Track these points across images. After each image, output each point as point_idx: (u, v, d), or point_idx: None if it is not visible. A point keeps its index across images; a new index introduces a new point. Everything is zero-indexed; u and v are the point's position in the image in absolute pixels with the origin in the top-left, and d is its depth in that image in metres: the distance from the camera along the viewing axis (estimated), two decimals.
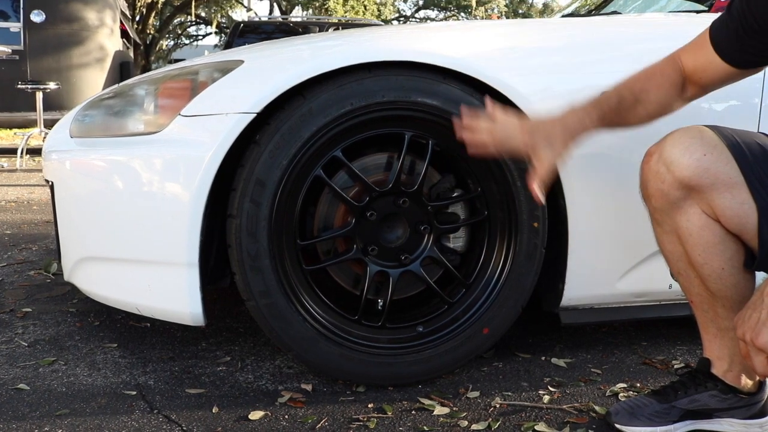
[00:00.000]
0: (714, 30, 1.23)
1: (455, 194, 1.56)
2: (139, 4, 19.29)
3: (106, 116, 1.62)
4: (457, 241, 1.61)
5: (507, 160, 1.48)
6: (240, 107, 1.39)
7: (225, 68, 1.47)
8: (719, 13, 1.97)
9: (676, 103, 1.28)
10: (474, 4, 25.25)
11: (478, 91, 1.47)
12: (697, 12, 2.05)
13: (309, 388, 1.52)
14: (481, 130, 1.29)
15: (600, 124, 1.26)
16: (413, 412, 1.41)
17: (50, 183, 1.72)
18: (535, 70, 1.54)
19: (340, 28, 9.14)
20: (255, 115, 1.39)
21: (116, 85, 1.74)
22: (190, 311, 1.44)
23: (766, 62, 1.23)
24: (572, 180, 1.52)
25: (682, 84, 1.26)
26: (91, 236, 1.57)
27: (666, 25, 1.84)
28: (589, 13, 2.53)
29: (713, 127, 1.18)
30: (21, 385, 1.50)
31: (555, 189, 1.54)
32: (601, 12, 2.48)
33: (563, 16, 2.69)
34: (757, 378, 1.30)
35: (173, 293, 1.45)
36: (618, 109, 1.25)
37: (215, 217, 1.46)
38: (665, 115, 1.28)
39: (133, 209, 1.48)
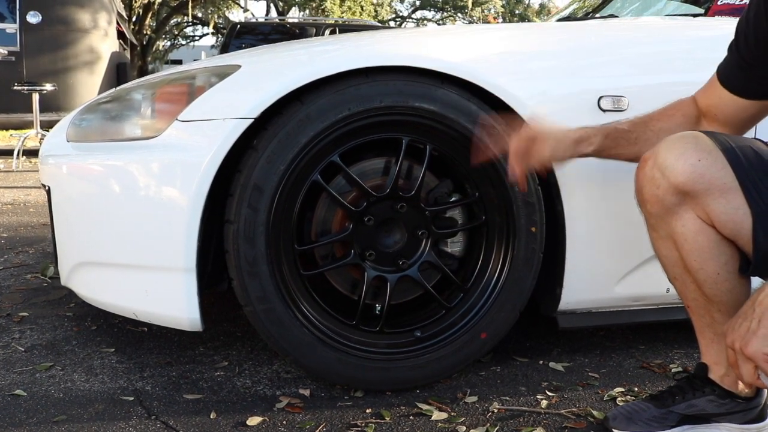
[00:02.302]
0: (720, 66, 1.30)
1: (453, 199, 1.56)
2: (135, 5, 19.28)
3: (103, 120, 1.61)
4: (454, 245, 1.61)
5: (505, 165, 1.48)
6: (237, 112, 1.39)
7: (222, 73, 1.47)
8: (716, 17, 1.99)
9: None
10: (470, 4, 25.26)
11: (476, 95, 1.48)
12: (694, 16, 2.05)
13: (307, 393, 1.51)
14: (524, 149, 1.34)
15: (607, 151, 1.34)
16: (411, 417, 1.41)
17: (47, 187, 1.72)
18: (533, 75, 1.54)
19: (337, 29, 9.14)
20: (252, 120, 1.39)
21: (113, 89, 1.74)
22: (187, 317, 1.44)
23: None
24: (570, 184, 1.52)
25: (697, 118, 1.32)
26: (88, 241, 1.57)
27: (663, 28, 1.84)
28: (585, 16, 2.53)
29: (708, 133, 1.19)
30: (18, 391, 1.49)
31: (553, 194, 1.54)
32: (598, 15, 2.48)
33: (559, 20, 2.70)
34: None
35: (171, 298, 1.45)
36: (627, 136, 1.32)
37: (213, 221, 1.46)
38: None
39: (130, 214, 1.47)
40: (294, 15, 23.30)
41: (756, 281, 1.19)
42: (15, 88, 6.22)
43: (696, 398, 1.29)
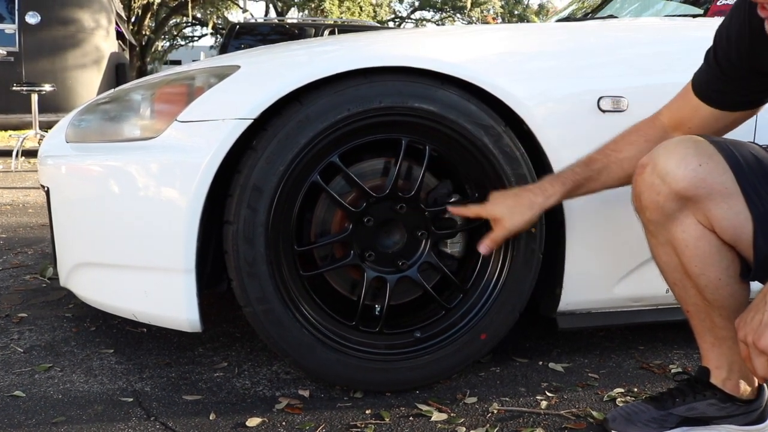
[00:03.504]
0: (694, 78, 1.28)
1: (452, 200, 1.56)
2: (134, 6, 19.28)
3: (102, 121, 1.61)
4: (454, 246, 1.60)
5: (504, 165, 1.48)
6: (236, 113, 1.39)
7: (221, 73, 1.47)
8: (715, 17, 1.99)
9: None
10: (469, 5, 25.27)
11: (476, 96, 1.47)
12: (693, 16, 2.05)
13: (306, 394, 1.51)
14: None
15: (573, 193, 1.37)
16: (411, 418, 1.41)
17: (46, 188, 1.72)
18: (532, 75, 1.54)
19: (336, 29, 9.14)
20: (252, 121, 1.38)
21: (112, 90, 1.73)
22: (187, 318, 1.44)
23: (747, 103, 1.25)
24: None
25: (662, 137, 1.29)
26: (87, 242, 1.57)
27: (662, 29, 1.84)
28: (585, 17, 2.53)
29: (706, 137, 1.18)
30: (17, 392, 1.49)
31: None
32: (597, 16, 2.48)
33: (559, 20, 2.70)
34: (756, 384, 1.30)
35: (170, 299, 1.45)
36: (589, 176, 1.34)
37: (212, 222, 1.45)
38: None
39: (129, 215, 1.47)
40: (293, 15, 23.30)
41: (755, 286, 1.19)
42: (14, 88, 6.22)
43: (696, 401, 1.29)
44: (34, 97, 6.12)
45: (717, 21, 1.88)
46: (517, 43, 1.66)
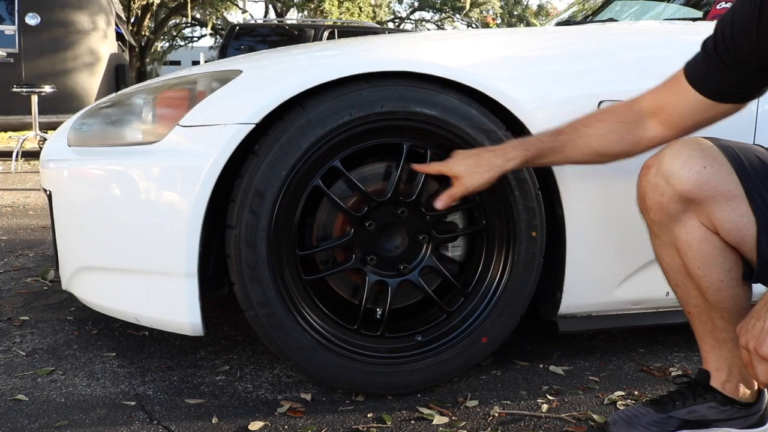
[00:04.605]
0: (689, 65, 1.25)
1: (453, 203, 1.56)
2: (134, 6, 19.27)
3: (103, 125, 1.61)
4: (455, 250, 1.61)
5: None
6: (239, 118, 1.39)
7: (223, 78, 1.47)
8: (715, 21, 2.00)
9: (627, 139, 1.29)
10: (468, 5, 25.27)
11: (477, 100, 1.48)
12: (694, 20, 2.06)
13: (308, 397, 1.52)
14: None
15: (535, 161, 1.35)
16: (412, 421, 1.42)
17: (48, 192, 1.72)
18: (533, 79, 1.54)
19: (336, 30, 9.14)
20: (254, 125, 1.39)
21: (114, 94, 1.74)
22: (189, 321, 1.44)
23: (739, 95, 1.23)
24: (570, 188, 1.52)
25: (637, 121, 1.28)
26: (89, 246, 1.57)
27: (662, 32, 1.85)
28: (585, 20, 2.53)
29: (712, 139, 1.19)
30: (19, 396, 1.49)
31: (553, 198, 1.55)
32: (597, 19, 2.48)
33: (558, 23, 2.70)
34: (756, 388, 1.31)
35: (172, 303, 1.45)
36: (554, 146, 1.32)
37: (214, 226, 1.46)
38: (617, 151, 1.31)
39: (131, 219, 1.47)
40: (292, 16, 23.31)
41: (758, 288, 1.20)
42: (14, 90, 6.23)
43: (697, 404, 1.29)
44: (34, 99, 6.12)
45: None
46: (517, 47, 1.67)
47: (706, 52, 1.22)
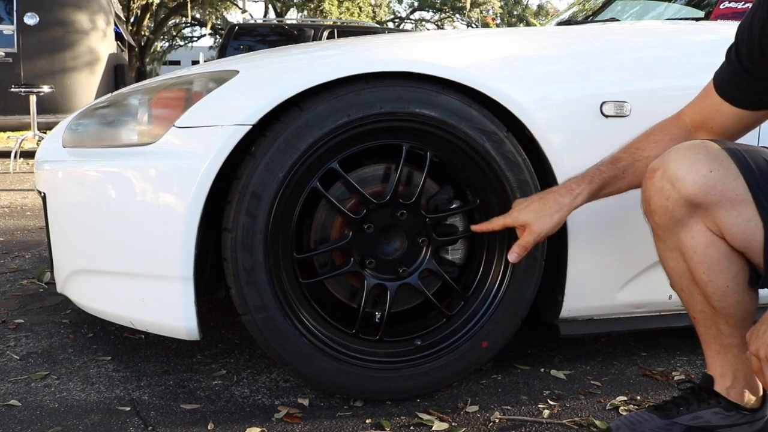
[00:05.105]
0: (716, 76, 1.25)
1: (454, 206, 1.54)
2: (133, 6, 19.26)
3: (99, 126, 1.59)
4: (455, 253, 1.59)
5: (506, 171, 1.46)
6: (235, 119, 1.37)
7: (220, 78, 1.45)
8: (717, 21, 1.98)
9: None
10: (468, 5, 25.26)
11: (477, 101, 1.46)
12: (696, 20, 2.04)
13: (306, 402, 1.50)
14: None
15: (600, 193, 1.32)
16: (411, 427, 1.40)
17: (42, 194, 1.70)
18: (534, 80, 1.52)
19: (335, 30, 9.12)
20: (250, 126, 1.37)
21: (110, 94, 1.72)
22: (184, 326, 1.42)
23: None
24: None
25: (687, 136, 1.27)
26: (84, 249, 1.55)
27: (664, 33, 1.83)
28: (586, 20, 2.51)
29: (718, 141, 1.16)
30: (12, 401, 1.47)
31: None
32: (598, 19, 2.46)
33: (559, 23, 2.68)
34: (761, 393, 1.29)
35: (167, 307, 1.43)
36: (615, 174, 1.30)
37: (210, 229, 1.44)
38: None
39: (126, 222, 1.45)
40: (292, 16, 23.29)
41: (765, 293, 1.18)
42: (12, 89, 6.21)
43: (701, 410, 1.27)
44: (33, 99, 6.10)
45: (719, 24, 1.88)
46: (518, 47, 1.65)
47: (729, 61, 1.22)
